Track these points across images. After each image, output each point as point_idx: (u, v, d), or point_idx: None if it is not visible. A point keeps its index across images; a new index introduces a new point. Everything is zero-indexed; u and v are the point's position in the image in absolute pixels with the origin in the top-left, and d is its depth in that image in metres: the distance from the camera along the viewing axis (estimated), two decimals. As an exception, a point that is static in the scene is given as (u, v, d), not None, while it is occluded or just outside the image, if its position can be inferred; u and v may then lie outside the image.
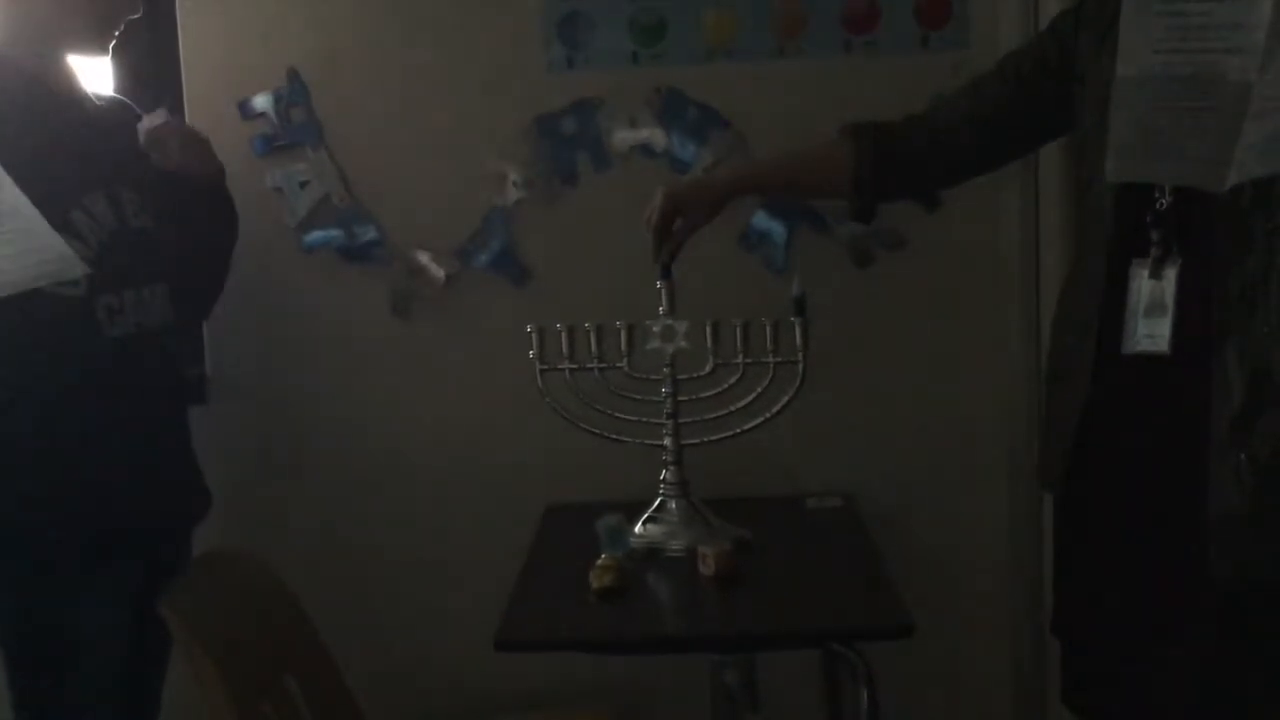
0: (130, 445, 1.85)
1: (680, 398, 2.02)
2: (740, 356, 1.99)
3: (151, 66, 2.28)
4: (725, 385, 2.00)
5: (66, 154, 1.77)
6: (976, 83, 1.79)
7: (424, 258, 2.30)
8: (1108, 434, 1.55)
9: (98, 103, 1.96)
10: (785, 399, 1.98)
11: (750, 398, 1.99)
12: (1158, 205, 1.47)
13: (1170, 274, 1.46)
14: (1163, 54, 1.23)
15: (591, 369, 2.03)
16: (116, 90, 2.12)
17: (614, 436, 2.07)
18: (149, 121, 1.93)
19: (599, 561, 1.82)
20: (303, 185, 2.29)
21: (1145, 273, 1.48)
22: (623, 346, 2.02)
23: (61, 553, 1.78)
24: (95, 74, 2.02)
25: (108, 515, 1.80)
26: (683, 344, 1.99)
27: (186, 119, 2.27)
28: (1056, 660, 1.77)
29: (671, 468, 2.03)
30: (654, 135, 2.27)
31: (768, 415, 2.00)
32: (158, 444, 1.92)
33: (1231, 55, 1.20)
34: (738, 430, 2.02)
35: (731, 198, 1.93)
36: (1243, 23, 1.19)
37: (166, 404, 1.98)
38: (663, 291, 1.99)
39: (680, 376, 2.02)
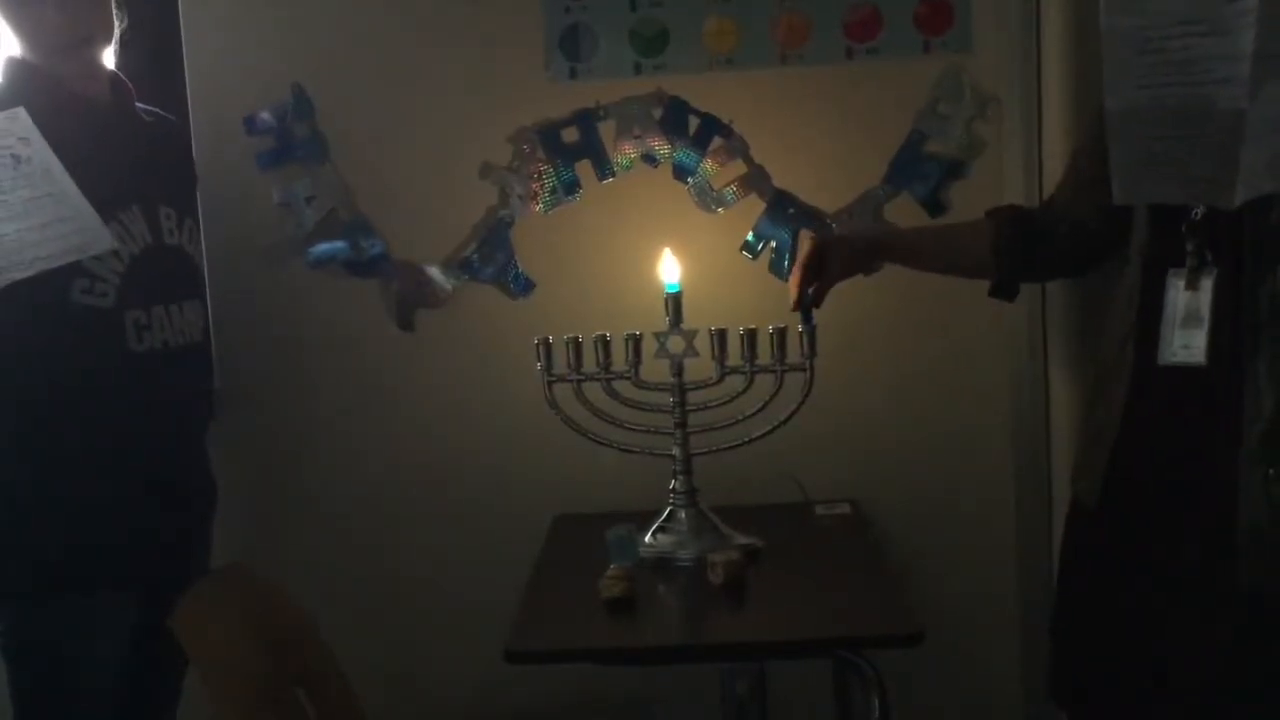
0: (137, 463, 1.84)
1: (688, 407, 2.03)
2: (747, 364, 1.99)
3: (156, 82, 2.29)
4: (733, 394, 2.00)
5: (104, 165, 1.77)
6: (1075, 161, 1.79)
7: (430, 270, 2.31)
8: (1143, 443, 1.54)
9: (145, 118, 1.97)
10: (794, 406, 1.98)
11: (759, 406, 1.99)
12: (1193, 215, 1.46)
13: (1206, 285, 1.45)
14: (1148, 89, 1.22)
15: (599, 379, 2.04)
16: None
17: (622, 446, 2.07)
18: None
19: (608, 572, 1.82)
20: (309, 200, 2.29)
21: (1181, 283, 1.47)
22: (629, 356, 2.02)
23: (57, 569, 1.78)
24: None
25: (101, 532, 1.80)
26: (690, 353, 2.00)
27: (192, 133, 2.28)
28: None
29: (680, 477, 2.03)
30: (657, 145, 2.27)
31: (776, 423, 2.00)
32: (169, 467, 1.91)
33: (1219, 86, 1.20)
34: (746, 439, 2.02)
35: (875, 257, 1.98)
36: (1227, 54, 1.19)
37: (184, 423, 1.98)
38: (669, 301, 2.00)
39: (688, 385, 2.02)
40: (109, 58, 1.99)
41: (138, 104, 1.99)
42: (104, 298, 1.79)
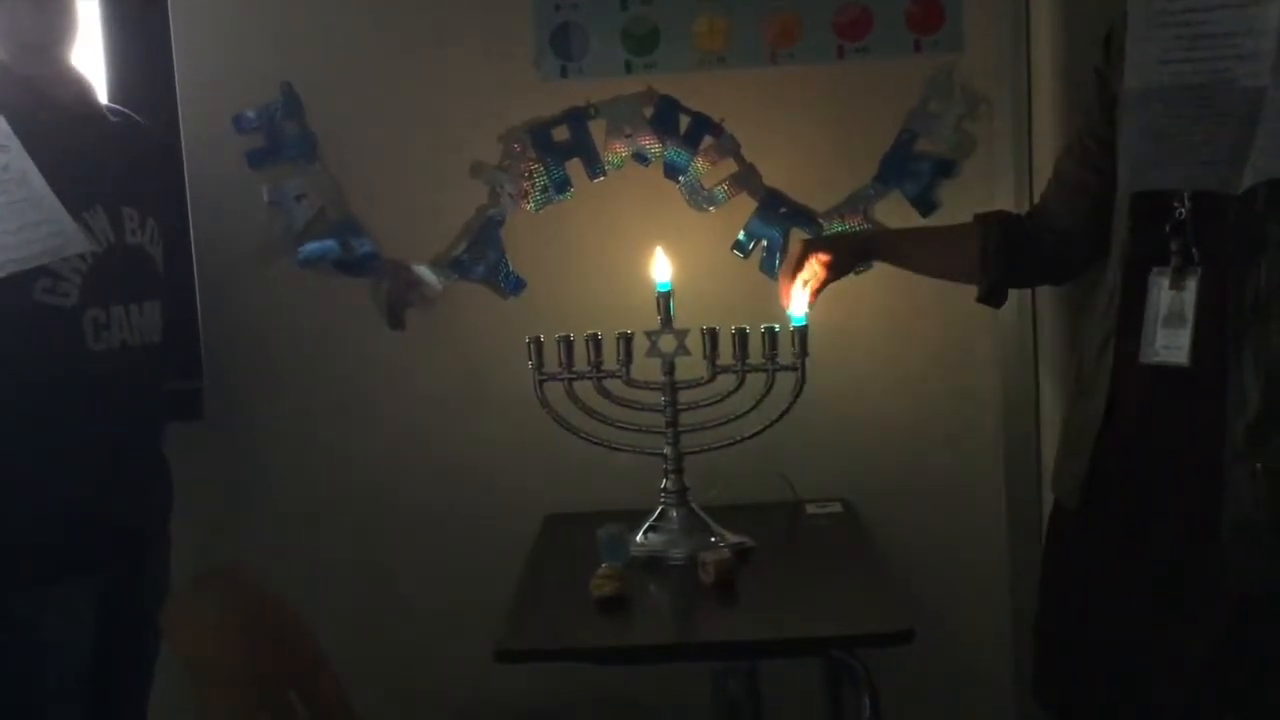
0: (92, 462, 1.85)
1: (679, 406, 2.03)
2: (738, 363, 1.99)
3: (146, 80, 2.28)
4: (724, 393, 2.00)
5: (69, 165, 1.77)
6: (1058, 169, 1.79)
7: (421, 269, 2.30)
8: (1124, 443, 1.55)
9: (111, 118, 1.97)
10: (785, 406, 1.98)
11: (750, 405, 1.99)
12: (1176, 215, 1.46)
13: (1190, 284, 1.45)
14: (1171, 64, 1.22)
15: (590, 378, 2.04)
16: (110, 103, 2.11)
17: (613, 445, 2.07)
18: None
19: (599, 571, 1.82)
20: (298, 198, 2.29)
21: (1165, 282, 1.47)
22: (620, 355, 2.02)
23: (16, 562, 1.79)
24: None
25: (61, 530, 1.81)
26: (681, 351, 2.00)
27: (181, 133, 2.27)
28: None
29: (671, 476, 2.03)
30: (648, 144, 2.27)
31: (768, 422, 2.00)
32: (123, 463, 1.92)
33: (1242, 62, 1.19)
34: (738, 438, 2.02)
35: (865, 255, 1.99)
36: (1253, 29, 1.18)
37: (139, 422, 1.98)
38: (660, 300, 2.00)
39: (679, 384, 2.02)
40: (96, 58, 1.98)
41: (106, 104, 1.99)
42: (66, 297, 1.80)
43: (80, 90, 1.92)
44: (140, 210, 1.92)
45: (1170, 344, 1.46)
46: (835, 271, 1.93)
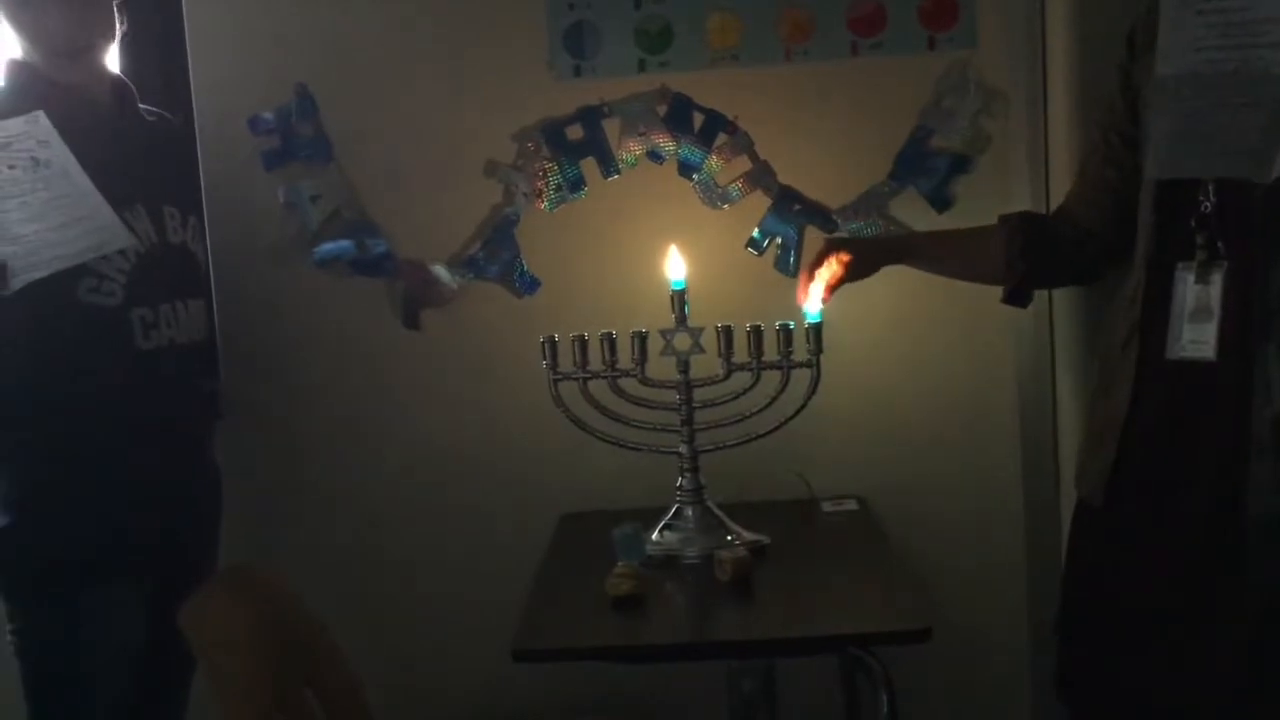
0: (145, 460, 1.86)
1: (694, 404, 2.02)
2: (753, 361, 1.99)
3: (161, 81, 2.29)
4: (739, 391, 2.00)
5: (107, 165, 1.78)
6: (1082, 168, 1.78)
7: (436, 269, 2.31)
8: (1149, 440, 1.54)
9: (147, 118, 1.99)
10: (800, 403, 1.98)
11: (765, 403, 1.99)
12: (1202, 208, 1.46)
13: (1216, 278, 1.44)
14: (1204, 51, 1.22)
15: (605, 377, 2.04)
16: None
17: (628, 444, 2.07)
18: None
19: (615, 570, 1.82)
20: (314, 199, 2.29)
21: (1190, 277, 1.46)
22: (635, 354, 2.02)
23: (68, 565, 1.80)
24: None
25: (113, 530, 1.82)
26: (696, 350, 2.00)
27: (197, 134, 2.28)
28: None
29: (687, 474, 2.03)
30: (661, 142, 2.27)
31: (783, 420, 2.00)
32: (174, 462, 1.93)
33: (1275, 50, 1.19)
34: (753, 435, 2.02)
35: (890, 259, 1.98)
36: None
37: (189, 421, 1.99)
38: (675, 298, 2.00)
39: (694, 382, 2.02)
40: (113, 59, 2.00)
41: (140, 104, 2.00)
42: (111, 296, 1.81)
43: (116, 91, 1.93)
44: (181, 209, 1.94)
45: (1197, 339, 1.45)
46: (855, 273, 1.93)
